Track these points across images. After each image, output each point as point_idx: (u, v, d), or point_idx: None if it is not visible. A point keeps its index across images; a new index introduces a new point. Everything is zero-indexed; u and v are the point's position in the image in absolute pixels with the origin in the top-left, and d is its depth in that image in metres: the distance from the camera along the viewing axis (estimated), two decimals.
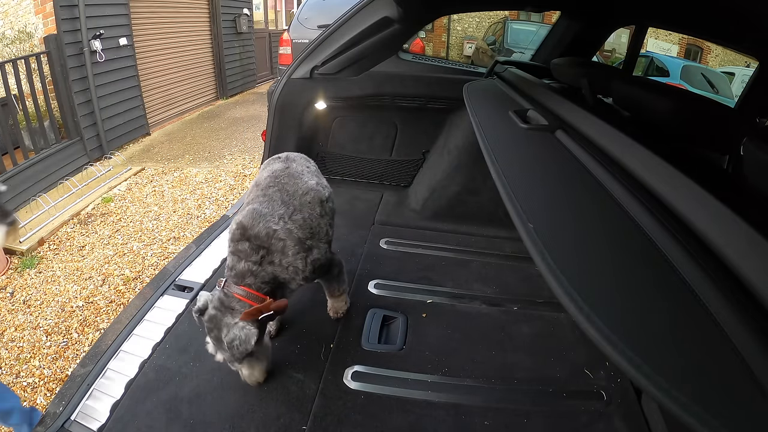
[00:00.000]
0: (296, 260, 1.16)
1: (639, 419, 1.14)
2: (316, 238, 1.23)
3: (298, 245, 1.17)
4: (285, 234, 1.15)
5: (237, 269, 1.12)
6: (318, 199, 1.28)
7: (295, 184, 1.27)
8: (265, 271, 1.14)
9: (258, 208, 1.18)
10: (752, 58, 2.04)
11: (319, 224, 1.26)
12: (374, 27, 1.72)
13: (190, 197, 3.68)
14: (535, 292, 1.57)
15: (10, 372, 1.96)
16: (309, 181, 1.30)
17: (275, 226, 1.15)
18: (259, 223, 1.14)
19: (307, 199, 1.25)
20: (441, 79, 2.26)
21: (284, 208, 1.20)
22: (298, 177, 1.30)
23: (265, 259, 1.14)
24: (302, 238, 1.18)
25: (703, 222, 0.64)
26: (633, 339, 0.49)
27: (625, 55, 2.23)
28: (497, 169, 0.91)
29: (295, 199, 1.23)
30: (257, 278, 1.12)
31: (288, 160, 1.37)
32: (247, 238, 1.13)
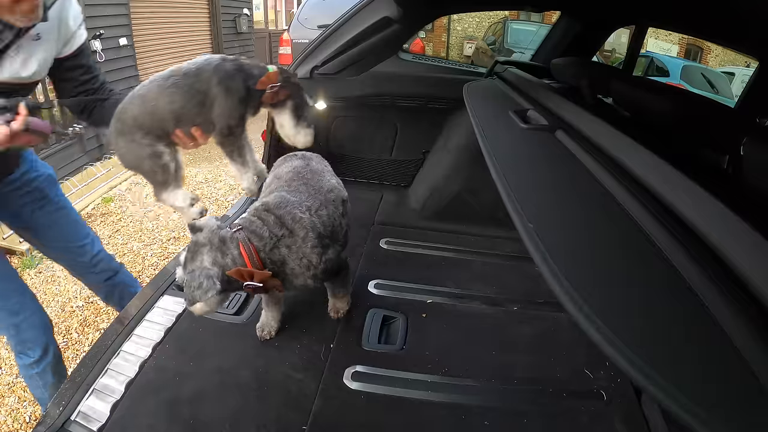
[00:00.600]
0: (312, 254, 1.13)
1: (639, 419, 1.14)
2: (333, 237, 1.21)
3: (318, 239, 1.14)
4: (310, 225, 1.13)
5: (254, 228, 1.07)
6: (340, 199, 1.27)
7: (318, 180, 1.26)
8: (280, 251, 1.10)
9: (286, 196, 1.16)
10: (752, 58, 2.04)
11: (340, 224, 1.24)
12: (374, 27, 1.72)
13: None
14: (535, 292, 1.57)
15: (10, 372, 1.96)
16: (331, 180, 1.29)
17: (302, 214, 1.13)
18: (287, 207, 1.13)
19: (331, 197, 1.24)
20: (441, 79, 2.26)
21: (311, 200, 1.18)
22: (320, 174, 1.29)
23: (283, 240, 1.10)
24: (323, 234, 1.16)
25: (703, 222, 0.64)
26: (633, 339, 0.49)
27: (625, 55, 2.23)
28: (497, 169, 0.91)
29: (320, 194, 1.22)
30: (269, 250, 1.07)
31: (306, 158, 1.35)
32: (274, 214, 1.11)
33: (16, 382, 1.91)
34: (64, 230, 1.44)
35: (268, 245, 1.08)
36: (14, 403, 1.83)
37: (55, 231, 1.41)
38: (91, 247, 1.52)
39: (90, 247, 1.51)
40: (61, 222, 1.41)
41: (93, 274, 1.54)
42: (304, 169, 1.30)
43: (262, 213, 1.12)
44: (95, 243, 1.55)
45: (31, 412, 1.79)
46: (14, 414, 1.78)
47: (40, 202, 1.36)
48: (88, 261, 1.52)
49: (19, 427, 1.73)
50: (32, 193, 1.34)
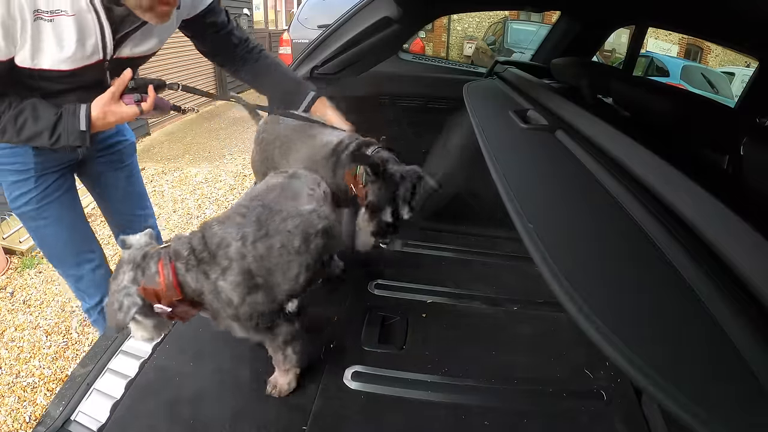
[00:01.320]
0: (232, 291, 0.96)
1: (639, 419, 1.14)
2: (273, 278, 1.01)
3: (242, 276, 0.96)
4: (237, 255, 0.96)
5: (178, 246, 0.95)
6: (303, 230, 1.04)
7: (283, 203, 1.06)
8: (197, 276, 0.95)
9: (232, 215, 1.03)
10: (752, 58, 2.04)
11: (287, 262, 1.01)
12: (374, 27, 1.71)
13: (190, 197, 3.68)
14: (535, 292, 1.57)
15: (10, 372, 1.97)
16: (303, 206, 1.07)
17: (232, 240, 0.97)
18: (220, 228, 0.98)
19: (288, 226, 1.03)
20: (441, 79, 2.26)
21: (254, 227, 0.99)
22: (294, 197, 1.09)
23: (203, 264, 0.95)
24: (253, 271, 0.97)
25: (703, 222, 0.64)
26: (633, 339, 0.49)
27: (625, 55, 2.23)
28: (497, 169, 0.91)
29: (271, 221, 1.02)
30: (185, 272, 0.94)
31: (294, 177, 1.17)
32: (203, 233, 0.98)
33: (16, 382, 1.91)
34: (130, 197, 1.51)
35: (186, 266, 0.93)
36: (14, 403, 1.83)
37: (121, 195, 1.48)
38: (146, 218, 1.58)
39: (145, 218, 1.57)
40: (129, 189, 1.47)
41: None
42: (276, 187, 1.11)
43: (197, 230, 1.00)
44: (150, 217, 1.61)
45: (31, 412, 1.79)
46: (14, 414, 1.78)
47: (117, 166, 1.42)
48: (138, 230, 1.57)
49: (19, 427, 1.73)
50: (113, 156, 1.40)
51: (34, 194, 1.22)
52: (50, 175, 1.24)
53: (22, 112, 1.01)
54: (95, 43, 1.01)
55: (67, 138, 1.04)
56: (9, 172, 1.20)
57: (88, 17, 0.96)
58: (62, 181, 1.28)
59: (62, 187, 1.28)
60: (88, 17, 0.96)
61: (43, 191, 1.23)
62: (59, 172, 1.26)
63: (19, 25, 0.90)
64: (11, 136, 1.02)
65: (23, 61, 0.95)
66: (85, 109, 1.04)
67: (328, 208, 1.13)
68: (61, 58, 0.97)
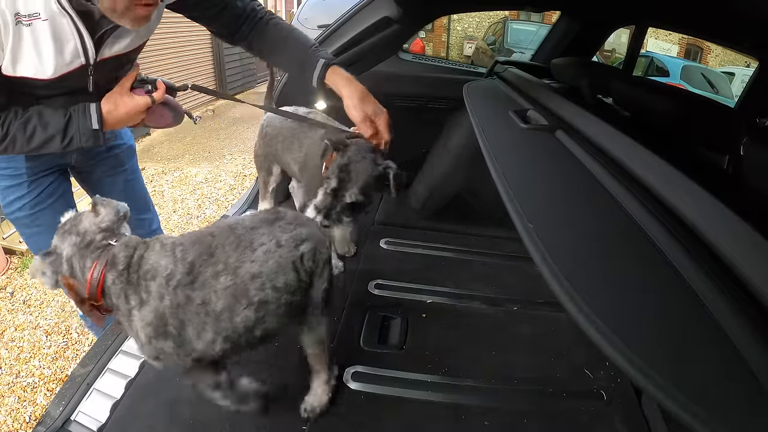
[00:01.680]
0: (141, 329, 0.85)
1: (639, 419, 1.14)
2: (186, 333, 0.85)
3: (155, 317, 0.83)
4: (156, 295, 0.83)
5: (118, 252, 0.85)
6: (231, 296, 0.86)
7: (229, 253, 0.88)
8: (119, 294, 0.84)
9: (184, 243, 0.89)
10: (752, 58, 2.04)
11: (202, 323, 0.85)
12: (374, 27, 1.71)
13: (190, 197, 3.68)
14: (535, 292, 1.57)
15: (10, 372, 1.97)
16: (247, 266, 0.87)
17: (158, 275, 0.83)
18: (155, 257, 0.86)
19: (216, 285, 0.85)
20: (441, 79, 2.26)
21: (183, 269, 0.84)
22: (245, 248, 0.89)
23: (128, 285, 0.84)
24: (166, 317, 0.83)
25: (703, 222, 0.64)
26: (633, 339, 0.49)
27: (625, 55, 2.23)
28: (497, 169, 0.91)
29: (205, 270, 0.85)
30: (110, 284, 0.84)
31: (269, 221, 0.95)
32: (145, 248, 0.87)
33: (16, 382, 1.91)
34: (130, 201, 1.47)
35: (114, 281, 0.83)
36: (14, 403, 1.83)
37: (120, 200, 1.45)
38: (150, 222, 1.54)
39: (149, 223, 1.54)
40: (128, 192, 1.43)
41: None
42: (245, 228, 0.93)
43: (148, 242, 0.89)
44: (154, 220, 1.57)
45: (31, 412, 1.79)
46: (14, 414, 1.78)
47: (116, 170, 1.39)
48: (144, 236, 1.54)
49: (19, 427, 1.73)
50: (111, 160, 1.36)
51: (27, 200, 1.20)
52: (43, 179, 1.21)
53: (30, 120, 0.97)
54: (74, 48, 0.95)
55: (80, 139, 1.00)
56: (2, 176, 1.18)
57: (63, 21, 0.90)
58: (56, 186, 1.25)
59: (56, 192, 1.25)
60: (63, 21, 0.90)
61: (36, 197, 1.20)
62: (52, 177, 1.24)
63: (2, 30, 0.85)
64: (21, 145, 0.98)
65: (6, 69, 0.91)
66: (96, 107, 1.01)
67: (288, 277, 0.90)
68: (40, 65, 0.92)
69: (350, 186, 1.24)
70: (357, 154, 1.27)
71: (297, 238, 0.94)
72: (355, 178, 1.24)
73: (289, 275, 0.91)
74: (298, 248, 0.93)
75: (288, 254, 0.92)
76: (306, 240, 0.95)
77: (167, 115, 1.14)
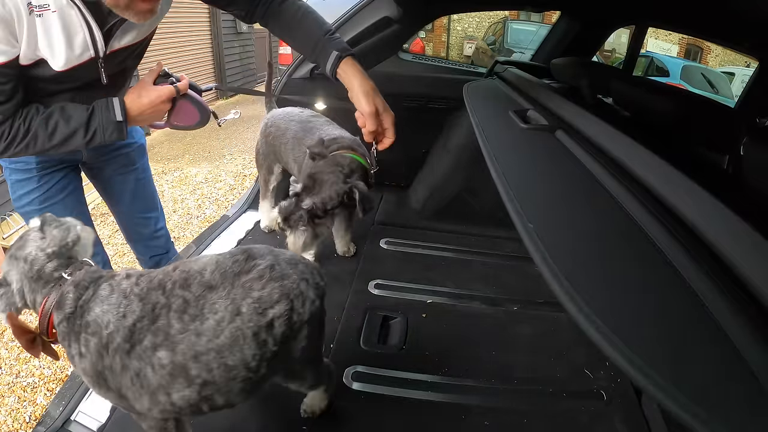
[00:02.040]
0: (83, 376, 0.80)
1: (639, 419, 1.14)
2: (127, 393, 0.78)
3: (94, 372, 0.77)
4: (94, 352, 0.76)
5: (66, 292, 0.78)
6: (168, 374, 0.75)
7: (171, 319, 0.76)
8: (64, 336, 0.78)
9: (136, 291, 0.78)
10: (752, 58, 2.04)
11: (138, 393, 0.78)
12: (374, 27, 1.72)
13: (190, 197, 3.68)
14: (535, 292, 1.57)
15: (10, 372, 1.96)
16: (182, 342, 0.75)
17: (100, 329, 0.75)
18: (99, 307, 0.77)
19: (154, 359, 0.75)
20: (441, 79, 2.26)
21: (122, 335, 0.75)
22: (193, 316, 0.77)
23: (71, 331, 0.77)
24: (107, 376, 0.77)
25: (703, 222, 0.64)
26: (633, 339, 0.49)
27: (625, 55, 2.23)
28: (497, 169, 0.91)
29: (143, 338, 0.75)
30: (59, 324, 0.78)
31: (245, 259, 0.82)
32: (93, 289, 0.79)
33: (16, 382, 1.91)
34: (139, 199, 1.48)
35: (59, 321, 0.77)
36: (14, 403, 1.83)
37: (129, 198, 1.45)
38: (156, 222, 1.55)
39: (155, 221, 1.54)
40: (138, 191, 1.44)
41: (145, 247, 1.57)
42: (202, 284, 0.79)
43: (94, 284, 0.79)
44: (160, 219, 1.58)
45: (31, 412, 1.79)
46: (14, 414, 1.78)
47: (127, 168, 1.39)
48: (148, 233, 1.55)
49: (19, 427, 1.73)
50: (122, 158, 1.36)
51: (37, 194, 1.20)
52: (54, 174, 1.22)
53: (52, 116, 0.96)
54: (83, 41, 0.93)
55: (103, 133, 0.98)
56: (13, 170, 1.18)
57: (72, 13, 0.89)
58: (66, 182, 1.25)
59: (66, 188, 1.25)
60: (71, 13, 0.89)
61: (46, 192, 1.21)
62: (63, 172, 1.24)
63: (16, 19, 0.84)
64: (43, 142, 0.96)
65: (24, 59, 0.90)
66: (119, 99, 0.99)
67: (247, 352, 0.77)
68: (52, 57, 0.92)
69: (312, 195, 1.25)
70: (328, 167, 1.29)
71: (265, 302, 0.78)
72: (318, 188, 1.26)
73: (247, 350, 0.76)
74: (266, 314, 0.77)
75: (248, 324, 0.76)
76: (279, 301, 0.78)
77: (193, 113, 1.10)
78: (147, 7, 0.89)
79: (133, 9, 0.88)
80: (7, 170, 1.20)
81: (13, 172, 1.19)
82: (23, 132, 0.94)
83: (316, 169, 1.30)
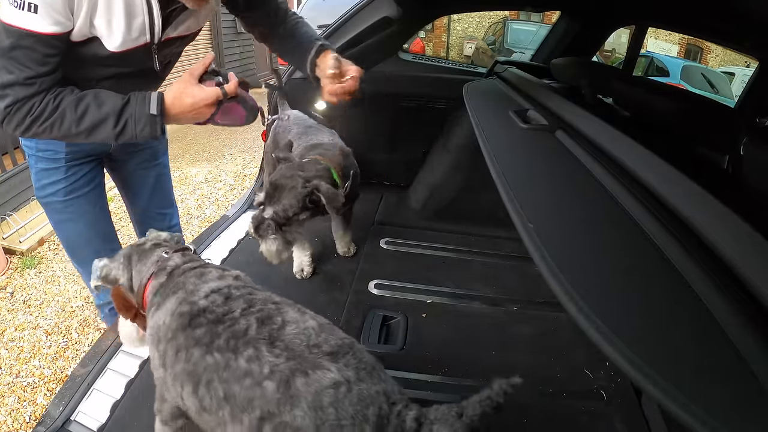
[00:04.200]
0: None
1: (639, 419, 1.14)
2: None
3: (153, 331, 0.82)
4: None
5: (180, 281, 0.85)
6: None
7: None
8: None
9: (232, 289, 0.82)
10: (752, 58, 2.04)
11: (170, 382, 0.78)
12: (374, 27, 1.71)
13: (190, 197, 3.68)
14: (535, 292, 1.57)
15: (10, 372, 1.96)
16: None
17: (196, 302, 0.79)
18: (219, 275, 0.85)
19: None
20: (441, 79, 2.26)
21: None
22: None
23: (175, 274, 0.87)
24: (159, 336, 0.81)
25: (703, 222, 0.64)
26: (633, 339, 0.49)
27: (625, 55, 2.23)
28: (497, 169, 0.91)
29: None
30: (151, 297, 0.86)
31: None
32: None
33: (16, 382, 1.91)
34: (157, 195, 1.47)
35: (157, 284, 0.85)
36: (14, 403, 1.82)
37: (148, 193, 1.44)
38: (171, 217, 1.55)
39: (170, 218, 1.54)
40: (156, 187, 1.43)
41: None
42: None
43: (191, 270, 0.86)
44: (175, 215, 1.58)
45: (31, 412, 1.79)
46: (14, 414, 1.78)
47: (149, 163, 1.38)
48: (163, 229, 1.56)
49: (19, 427, 1.73)
50: (146, 153, 1.35)
51: (62, 185, 1.17)
52: (82, 166, 1.19)
53: (84, 98, 0.89)
54: (142, 24, 0.91)
55: (134, 126, 0.91)
56: (40, 158, 1.15)
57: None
58: (92, 176, 1.22)
59: (92, 182, 1.23)
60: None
61: (72, 183, 1.18)
62: (90, 165, 1.21)
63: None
64: (70, 124, 0.88)
65: (77, 35, 0.86)
66: (157, 93, 0.93)
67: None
68: (108, 35, 0.88)
69: (273, 203, 1.26)
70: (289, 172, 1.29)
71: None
72: (278, 196, 1.26)
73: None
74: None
75: (271, 400, 0.66)
76: None
77: (239, 113, 1.03)
78: None
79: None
80: (33, 158, 1.16)
81: (40, 160, 1.15)
82: (51, 109, 0.87)
83: (277, 176, 1.30)
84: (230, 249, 1.73)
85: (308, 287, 1.58)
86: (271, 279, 1.57)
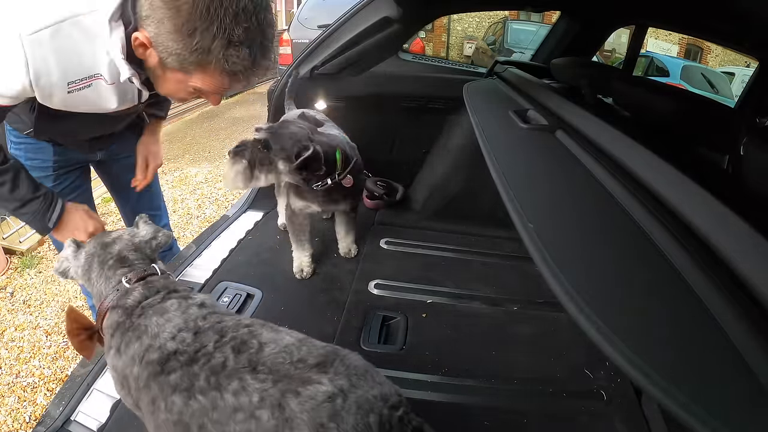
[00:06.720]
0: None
1: (639, 419, 1.14)
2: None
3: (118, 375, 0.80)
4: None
5: (132, 299, 0.82)
6: None
7: None
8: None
9: (198, 323, 0.77)
10: (752, 58, 2.04)
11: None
12: (374, 27, 1.71)
13: (190, 197, 3.68)
14: (535, 292, 1.57)
15: (10, 372, 1.96)
16: None
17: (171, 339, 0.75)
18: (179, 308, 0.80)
19: None
20: (441, 79, 2.26)
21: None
22: None
23: (122, 325, 0.81)
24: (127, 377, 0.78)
25: (703, 222, 0.64)
26: (633, 339, 0.49)
27: (625, 55, 2.23)
28: (497, 169, 0.91)
29: None
30: (103, 320, 0.83)
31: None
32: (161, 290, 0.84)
33: (16, 382, 1.91)
34: (145, 197, 1.54)
35: (114, 322, 0.80)
36: (14, 403, 1.82)
37: (136, 195, 1.49)
38: (159, 219, 1.62)
39: (158, 219, 1.61)
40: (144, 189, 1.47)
41: None
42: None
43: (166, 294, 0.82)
44: (163, 216, 1.66)
45: (31, 412, 1.79)
46: (14, 414, 1.78)
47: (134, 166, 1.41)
48: None
49: (19, 427, 1.73)
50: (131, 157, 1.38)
51: None
52: (69, 174, 1.26)
53: (6, 172, 0.99)
54: (132, 98, 1.02)
55: (30, 219, 1.04)
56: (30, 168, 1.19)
57: (128, 87, 0.97)
58: (79, 182, 1.29)
59: (79, 188, 1.30)
60: (127, 87, 0.97)
61: (60, 191, 1.22)
62: (77, 173, 1.28)
63: (45, 96, 0.88)
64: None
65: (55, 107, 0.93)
66: (60, 208, 1.05)
67: None
68: (96, 109, 0.98)
69: (273, 139, 1.30)
70: (304, 126, 1.36)
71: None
72: (280, 138, 1.29)
73: None
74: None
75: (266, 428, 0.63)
76: None
77: None
78: (216, 100, 0.95)
79: (190, 99, 0.96)
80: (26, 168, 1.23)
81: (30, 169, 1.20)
82: None
83: (292, 124, 1.33)
84: (230, 249, 1.73)
85: (308, 287, 1.58)
86: (272, 279, 1.57)
